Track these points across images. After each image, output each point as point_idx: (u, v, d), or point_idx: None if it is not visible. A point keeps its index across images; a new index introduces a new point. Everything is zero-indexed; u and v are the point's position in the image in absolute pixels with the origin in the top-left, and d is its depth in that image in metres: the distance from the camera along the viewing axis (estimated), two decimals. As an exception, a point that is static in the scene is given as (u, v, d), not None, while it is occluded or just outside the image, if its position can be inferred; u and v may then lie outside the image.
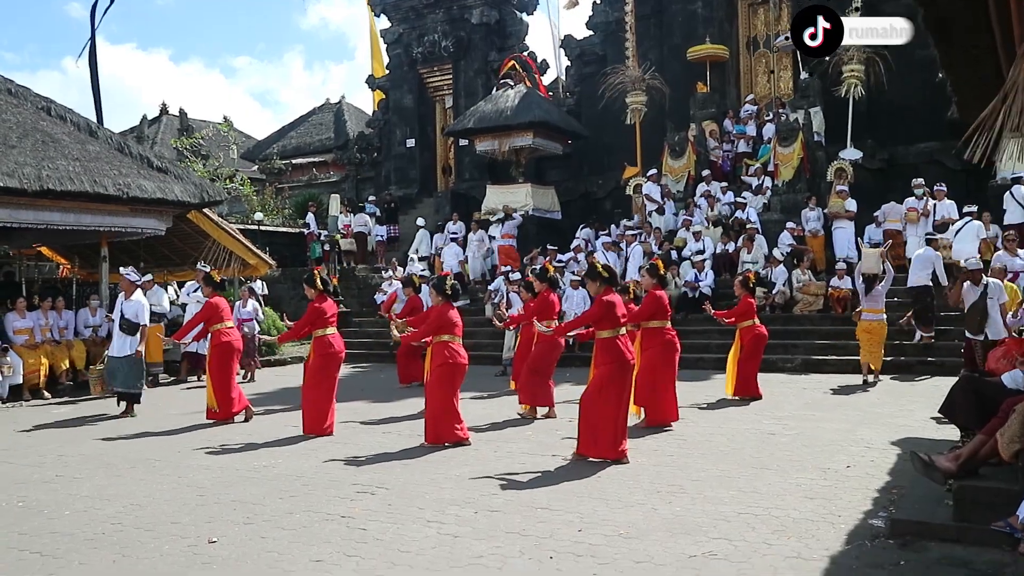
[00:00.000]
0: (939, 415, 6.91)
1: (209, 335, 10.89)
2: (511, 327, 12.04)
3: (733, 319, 11.59)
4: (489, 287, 18.87)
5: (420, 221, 24.32)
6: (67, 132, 14.62)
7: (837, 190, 18.10)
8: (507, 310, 15.89)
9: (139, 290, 11.70)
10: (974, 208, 15.39)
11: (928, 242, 15.04)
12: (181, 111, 38.41)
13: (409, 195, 28.36)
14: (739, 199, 19.26)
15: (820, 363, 14.37)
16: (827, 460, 7.56)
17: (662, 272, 9.58)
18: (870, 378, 12.70)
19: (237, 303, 15.66)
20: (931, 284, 14.01)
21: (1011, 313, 9.47)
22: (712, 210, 19.50)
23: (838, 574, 4.74)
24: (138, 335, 11.34)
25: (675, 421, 9.44)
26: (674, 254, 18.30)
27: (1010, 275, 11.92)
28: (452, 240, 21.75)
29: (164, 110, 40.89)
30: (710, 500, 6.30)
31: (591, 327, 7.89)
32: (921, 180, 17.32)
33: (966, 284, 10.35)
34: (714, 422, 9.73)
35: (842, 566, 4.86)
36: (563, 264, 18.16)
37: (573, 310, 15.80)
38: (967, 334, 10.12)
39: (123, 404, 11.51)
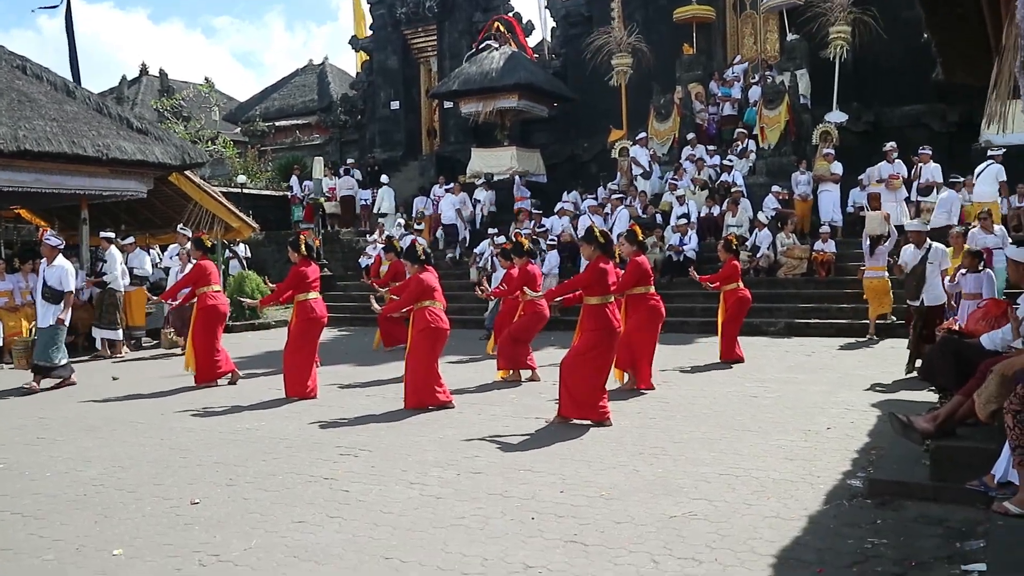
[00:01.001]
0: (916, 375, 6.98)
1: (196, 298, 10.85)
2: (492, 298, 12.04)
3: (717, 283, 11.63)
4: (474, 250, 18.83)
5: (384, 179, 24.18)
6: (43, 92, 14.38)
7: (823, 153, 18.09)
8: (491, 274, 15.90)
9: (61, 255, 10.72)
10: (959, 179, 15.39)
11: (951, 185, 14.99)
12: (161, 72, 37.94)
13: (394, 158, 28.17)
14: (725, 162, 19.21)
15: (803, 326, 14.45)
16: (808, 422, 7.63)
17: (640, 238, 9.56)
18: (877, 331, 13.18)
19: (175, 268, 15.13)
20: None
21: (948, 279, 9.48)
22: (698, 173, 19.47)
23: (816, 533, 4.80)
24: (62, 303, 10.53)
25: (648, 390, 9.50)
26: (659, 218, 18.30)
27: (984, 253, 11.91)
28: (448, 192, 21.63)
29: (144, 71, 40.33)
30: (691, 462, 6.36)
31: (579, 292, 7.90)
32: (893, 144, 17.30)
33: (909, 247, 10.26)
34: (696, 385, 9.80)
35: (820, 525, 4.92)
36: (544, 229, 18.11)
37: (551, 271, 15.84)
38: (907, 300, 10.04)
39: (49, 380, 10.67)
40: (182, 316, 13.85)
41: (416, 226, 20.82)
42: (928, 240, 10.14)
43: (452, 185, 21.99)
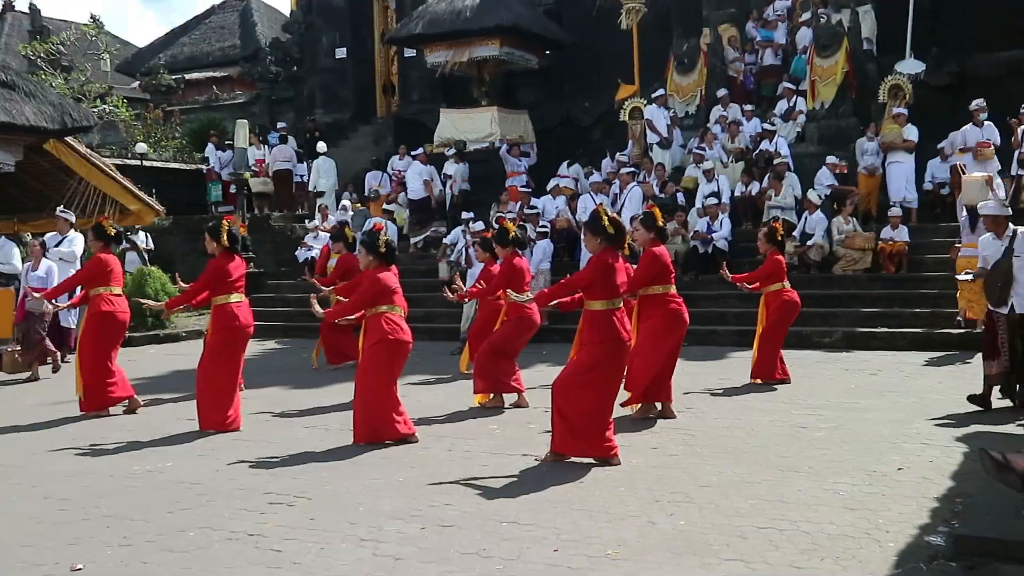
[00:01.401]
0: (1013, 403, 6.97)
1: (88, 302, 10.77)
2: (466, 300, 12.06)
3: (757, 283, 11.67)
4: (444, 240, 18.85)
5: (321, 147, 24.21)
6: None
7: (893, 113, 18.22)
8: (467, 270, 15.87)
9: None
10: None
11: None
12: (32, 7, 37.62)
13: (340, 121, 28.19)
14: (765, 126, 19.33)
15: (867, 337, 14.54)
16: (873, 460, 7.64)
17: (661, 223, 9.59)
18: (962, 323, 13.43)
19: (26, 265, 14.94)
20: None
21: None
22: (731, 141, 19.54)
23: (884, 603, 4.80)
24: None
25: (670, 416, 9.54)
26: (682, 197, 18.37)
27: None
28: (415, 159, 21.76)
29: (9, 6, 40.08)
30: (723, 512, 6.35)
31: (579, 294, 7.91)
32: (982, 101, 17.41)
33: (986, 237, 9.75)
34: (730, 412, 9.82)
35: (890, 593, 4.92)
36: (536, 211, 18.15)
37: (537, 265, 15.87)
38: (989, 307, 9.69)
39: None
40: (33, 328, 13.72)
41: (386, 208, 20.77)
42: (1011, 226, 9.56)
43: (419, 152, 22.01)
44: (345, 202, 21.59)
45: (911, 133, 17.90)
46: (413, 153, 22.19)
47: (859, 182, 17.99)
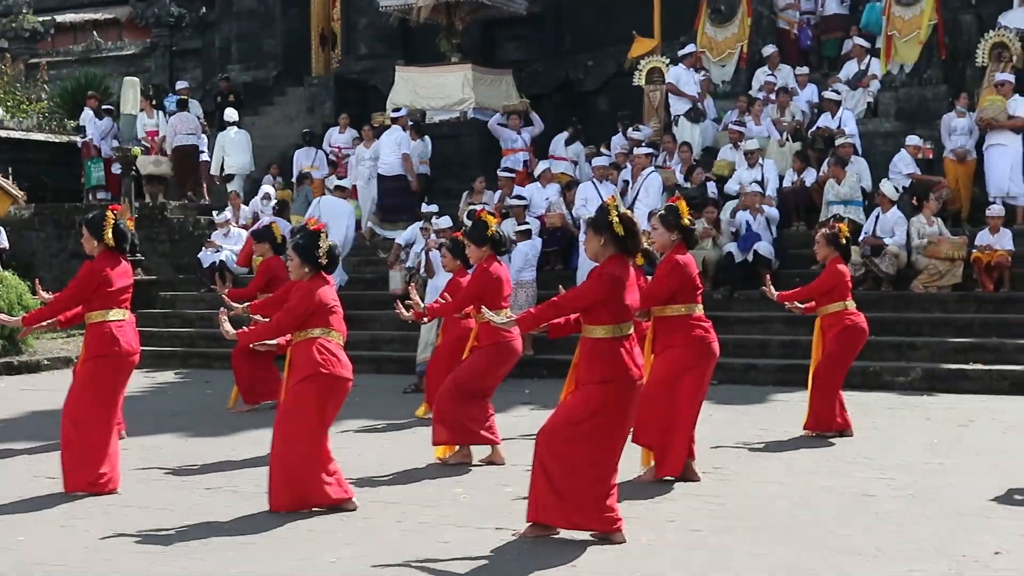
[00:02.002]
0: None
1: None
2: (426, 319, 11.96)
3: (811, 302, 11.69)
4: (397, 240, 18.82)
5: (231, 114, 24.19)
6: None
7: (995, 81, 18.26)
8: (427, 280, 15.84)
9: None
10: None
11: None
12: None
13: (262, 82, 28.15)
14: (826, 95, 19.37)
15: (956, 376, 14.61)
16: (962, 542, 7.63)
17: (686, 221, 9.56)
18: None
19: None
20: None
21: None
22: (781, 114, 19.58)
23: None
24: None
25: (692, 479, 9.53)
26: (713, 188, 18.38)
27: None
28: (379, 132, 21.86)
29: None
30: (762, 606, 6.33)
31: (575, 316, 7.89)
32: None
33: None
34: (772, 474, 9.83)
35: None
36: (523, 203, 18.14)
37: (518, 274, 15.83)
38: None
39: None
40: None
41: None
42: None
43: (366, 128, 22.05)
44: (267, 188, 21.54)
45: (1019, 107, 17.98)
46: (357, 133, 22.20)
47: (946, 171, 18.06)
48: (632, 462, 9.31)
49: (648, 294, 9.35)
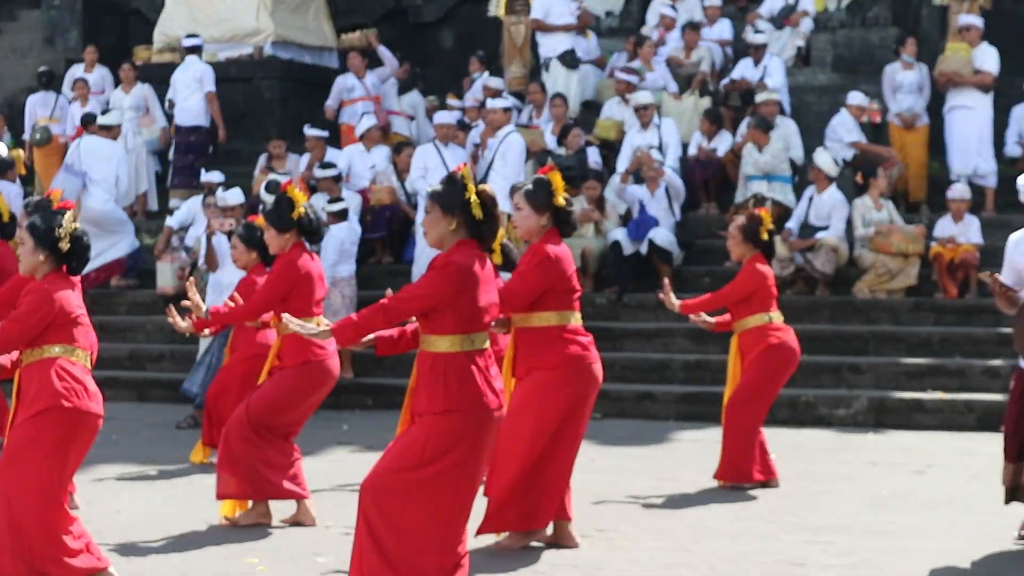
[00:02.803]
0: None
1: None
2: (207, 331, 11.73)
3: (727, 315, 11.73)
4: (167, 222, 18.61)
5: None
6: None
7: (959, 26, 18.54)
8: (207, 274, 15.68)
9: None
10: None
11: None
12: None
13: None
14: (747, 36, 19.62)
15: (910, 408, 14.85)
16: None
17: (563, 200, 9.50)
18: None
19: None
20: None
21: None
22: (685, 57, 19.68)
23: None
24: None
25: (568, 545, 9.49)
26: (595, 156, 18.41)
27: None
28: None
29: None
30: None
31: (411, 325, 7.79)
32: None
33: (1018, 237, 9.96)
34: (672, 537, 9.82)
35: None
36: (335, 173, 17.95)
37: (333, 269, 15.74)
38: (1021, 361, 9.78)
39: None
40: None
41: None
42: None
43: (126, 67, 21.73)
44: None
45: (987, 59, 18.34)
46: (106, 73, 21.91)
47: (891, 139, 18.31)
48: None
49: (507, 296, 9.15)
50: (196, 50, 21.41)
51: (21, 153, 21.54)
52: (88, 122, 20.14)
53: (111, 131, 19.78)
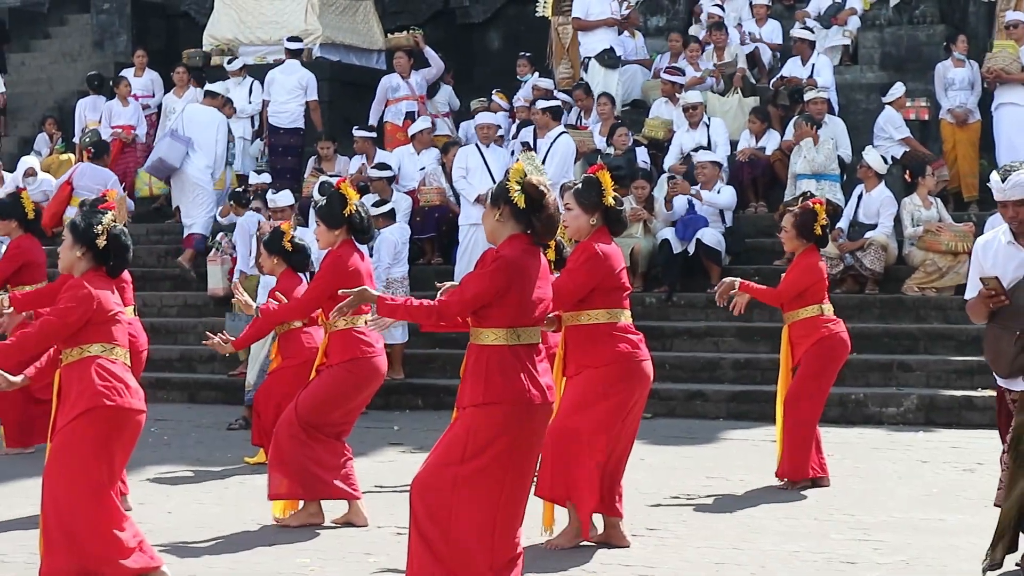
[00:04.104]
0: None
1: None
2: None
3: (779, 295, 11.66)
4: (215, 216, 18.66)
5: None
6: None
7: (1006, 22, 18.41)
8: (260, 277, 15.67)
9: None
10: None
11: None
12: None
13: (35, 7, 27.71)
14: (796, 34, 19.53)
15: (960, 405, 14.75)
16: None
17: (612, 200, 9.45)
18: None
19: None
20: None
21: None
22: (718, 58, 19.60)
23: None
24: None
25: (619, 544, 9.45)
26: (644, 156, 18.35)
27: None
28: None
29: None
30: None
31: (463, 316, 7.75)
32: None
33: (989, 237, 9.19)
34: (723, 537, 9.81)
35: None
36: (385, 176, 17.95)
37: (387, 270, 15.70)
38: (996, 378, 9.14)
39: None
40: None
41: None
42: None
43: (180, 71, 21.76)
44: (31, 160, 21.18)
45: (1040, 54, 18.21)
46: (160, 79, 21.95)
47: (943, 136, 18.20)
48: (538, 520, 9.29)
49: (555, 293, 8.99)
50: (296, 54, 21.51)
51: (72, 157, 21.59)
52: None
53: (216, 99, 20.08)
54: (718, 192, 17.23)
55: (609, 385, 9.28)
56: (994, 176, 8.90)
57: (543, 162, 17.42)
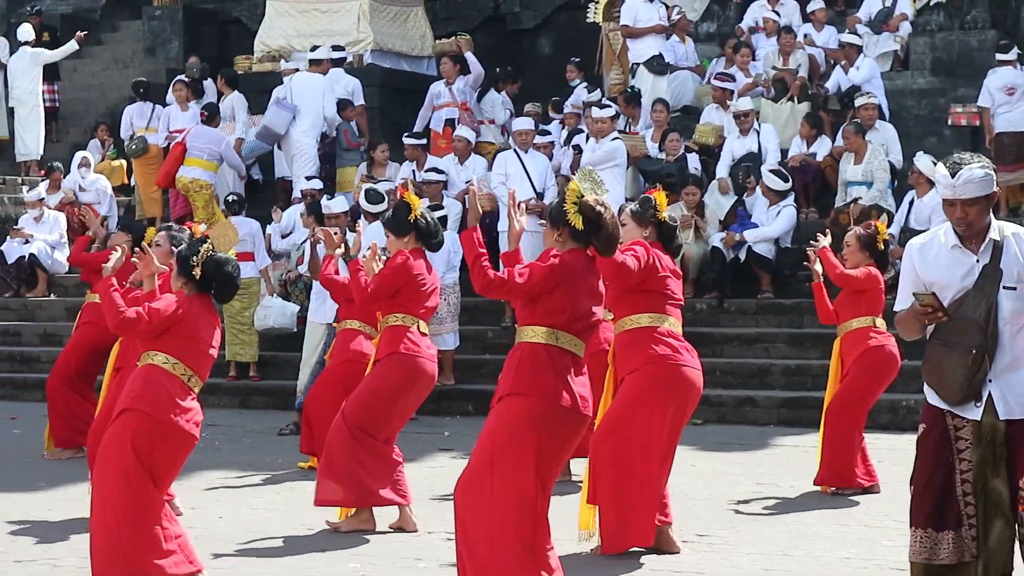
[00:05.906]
0: None
1: None
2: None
3: (843, 276, 11.68)
4: (270, 228, 18.67)
5: (27, 57, 23.92)
6: None
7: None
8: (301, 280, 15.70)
9: None
10: None
11: None
12: None
13: (87, 13, 27.84)
14: (846, 39, 19.47)
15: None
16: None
17: (666, 216, 9.47)
18: None
19: None
20: None
21: None
22: (782, 63, 19.58)
23: None
24: None
25: (668, 550, 9.43)
26: (695, 162, 18.34)
27: None
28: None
29: None
30: None
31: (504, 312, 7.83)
32: None
33: (927, 238, 8.46)
34: (773, 544, 9.83)
35: None
36: (441, 179, 18.01)
37: (442, 276, 15.70)
38: (927, 396, 8.26)
39: None
40: None
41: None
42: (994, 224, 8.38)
43: (222, 78, 21.83)
44: (85, 154, 21.37)
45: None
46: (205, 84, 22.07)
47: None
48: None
49: (608, 274, 8.55)
50: (340, 62, 21.59)
51: (123, 163, 21.70)
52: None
53: (320, 65, 20.45)
54: (777, 215, 17.04)
55: (646, 388, 9.26)
56: (940, 169, 7.51)
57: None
